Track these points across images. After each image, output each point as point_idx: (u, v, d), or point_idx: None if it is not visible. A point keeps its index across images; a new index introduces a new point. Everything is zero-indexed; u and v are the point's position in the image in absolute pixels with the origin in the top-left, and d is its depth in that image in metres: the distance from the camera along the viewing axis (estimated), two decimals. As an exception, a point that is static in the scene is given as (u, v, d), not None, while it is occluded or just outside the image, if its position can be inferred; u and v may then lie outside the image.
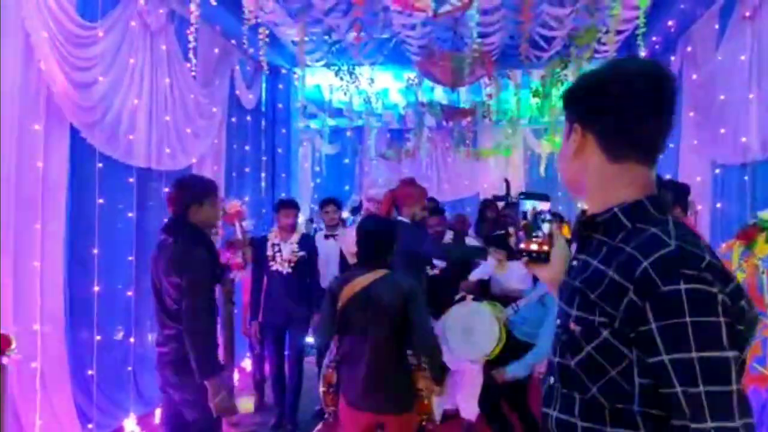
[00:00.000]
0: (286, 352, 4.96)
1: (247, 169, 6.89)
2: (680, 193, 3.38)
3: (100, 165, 4.24)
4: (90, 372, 4.25)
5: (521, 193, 1.46)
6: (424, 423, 3.13)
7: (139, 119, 4.58)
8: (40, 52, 3.55)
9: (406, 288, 2.86)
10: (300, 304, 4.79)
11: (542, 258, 1.42)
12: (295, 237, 4.87)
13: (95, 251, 4.23)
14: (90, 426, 4.15)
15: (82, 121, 3.97)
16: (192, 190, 2.98)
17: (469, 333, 3.87)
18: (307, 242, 4.95)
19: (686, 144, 5.57)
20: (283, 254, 4.80)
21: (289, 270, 4.79)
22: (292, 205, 5.02)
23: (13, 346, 3.03)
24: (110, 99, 4.22)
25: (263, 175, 7.36)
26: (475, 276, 4.64)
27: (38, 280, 3.72)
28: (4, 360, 2.96)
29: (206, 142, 5.77)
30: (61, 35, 3.69)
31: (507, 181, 4.98)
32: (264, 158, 7.40)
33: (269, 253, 4.82)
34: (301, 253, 4.81)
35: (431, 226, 4.95)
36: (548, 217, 1.43)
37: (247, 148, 6.89)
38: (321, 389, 3.14)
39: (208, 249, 2.97)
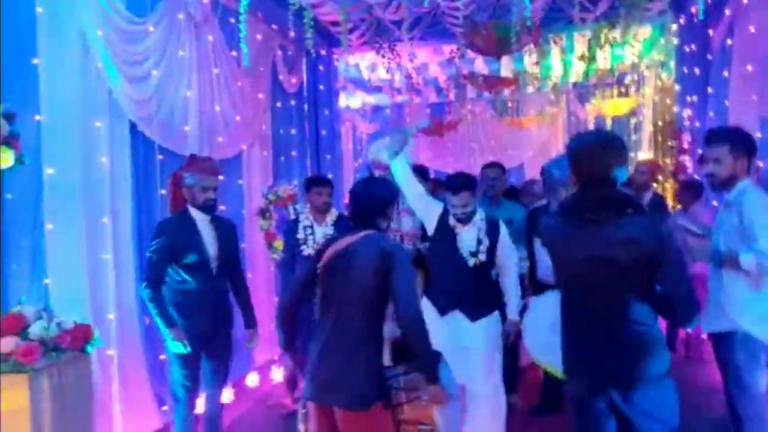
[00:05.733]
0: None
1: (293, 153, 6.95)
2: None
3: (161, 157, 4.35)
4: (162, 356, 4.40)
5: None
6: None
7: (191, 110, 4.68)
8: (95, 49, 3.64)
9: (388, 248, 2.43)
10: None
11: None
12: (330, 218, 4.36)
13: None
14: (164, 408, 4.31)
15: (138, 115, 4.07)
16: None
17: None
18: (343, 224, 4.27)
19: (735, 99, 5.36)
20: (316, 237, 4.26)
21: None
22: (324, 183, 4.48)
23: (96, 335, 3.17)
24: (163, 92, 4.30)
25: (308, 157, 7.44)
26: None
27: (111, 271, 3.86)
28: (89, 349, 3.11)
29: (254, 128, 5.85)
30: (113, 32, 3.77)
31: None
32: (308, 140, 7.47)
33: (300, 236, 4.32)
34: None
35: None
36: None
37: (293, 131, 6.95)
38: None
39: None
